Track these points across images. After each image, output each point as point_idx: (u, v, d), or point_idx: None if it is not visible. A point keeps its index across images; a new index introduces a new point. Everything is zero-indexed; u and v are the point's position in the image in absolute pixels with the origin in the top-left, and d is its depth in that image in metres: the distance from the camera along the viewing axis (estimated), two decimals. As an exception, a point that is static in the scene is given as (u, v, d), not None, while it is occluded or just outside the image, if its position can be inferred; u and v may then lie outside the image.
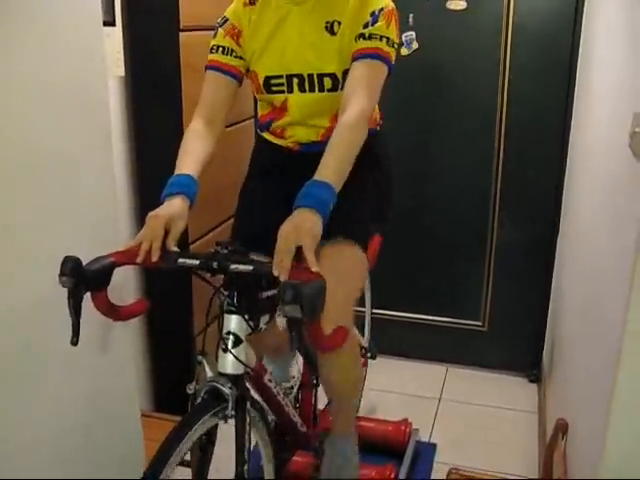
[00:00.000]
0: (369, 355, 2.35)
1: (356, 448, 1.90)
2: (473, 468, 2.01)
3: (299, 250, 1.26)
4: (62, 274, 1.25)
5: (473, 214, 2.93)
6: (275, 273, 1.23)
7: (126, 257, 1.35)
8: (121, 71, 2.18)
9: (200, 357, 1.38)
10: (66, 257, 1.26)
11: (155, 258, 1.33)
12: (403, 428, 2.45)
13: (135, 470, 1.95)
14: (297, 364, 2.03)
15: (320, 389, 1.97)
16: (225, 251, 1.33)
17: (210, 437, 1.43)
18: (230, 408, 1.34)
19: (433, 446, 2.54)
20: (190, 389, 1.37)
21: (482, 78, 2.74)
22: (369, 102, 1.51)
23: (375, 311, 3.00)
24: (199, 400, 1.34)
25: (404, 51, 2.73)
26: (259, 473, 1.69)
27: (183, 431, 1.27)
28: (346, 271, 1.63)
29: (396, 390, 2.92)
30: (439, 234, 3.01)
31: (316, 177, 1.37)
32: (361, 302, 2.30)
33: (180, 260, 1.34)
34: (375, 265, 1.94)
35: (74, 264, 1.25)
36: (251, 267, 1.29)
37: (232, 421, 1.37)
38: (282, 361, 1.94)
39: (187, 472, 1.78)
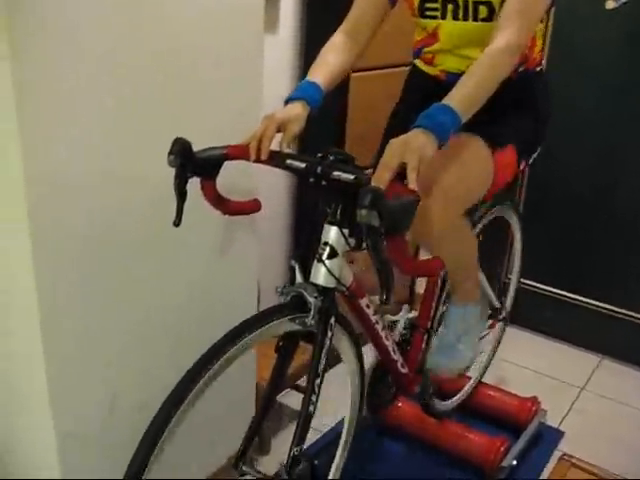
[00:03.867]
0: (501, 317, 2.20)
1: (481, 314, 1.80)
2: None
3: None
4: (170, 153, 1.29)
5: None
6: (372, 184, 1.17)
7: (238, 152, 1.37)
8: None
9: (293, 262, 1.37)
10: (176, 138, 1.29)
11: (264, 157, 1.34)
12: (529, 405, 2.28)
13: (247, 370, 2.04)
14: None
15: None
16: (332, 158, 1.29)
17: (289, 351, 1.43)
18: (310, 317, 1.31)
19: (560, 433, 2.34)
20: (278, 291, 1.36)
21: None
22: (520, 33, 1.37)
23: (534, 284, 2.86)
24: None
25: (610, 4, 2.45)
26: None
27: (254, 325, 1.27)
28: (465, 159, 1.51)
29: (537, 369, 2.73)
30: (624, 215, 2.70)
31: (443, 101, 1.28)
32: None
33: (288, 161, 1.33)
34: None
35: (182, 146, 1.29)
36: (352, 176, 1.24)
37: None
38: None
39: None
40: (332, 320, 1.36)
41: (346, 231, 1.34)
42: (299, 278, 1.36)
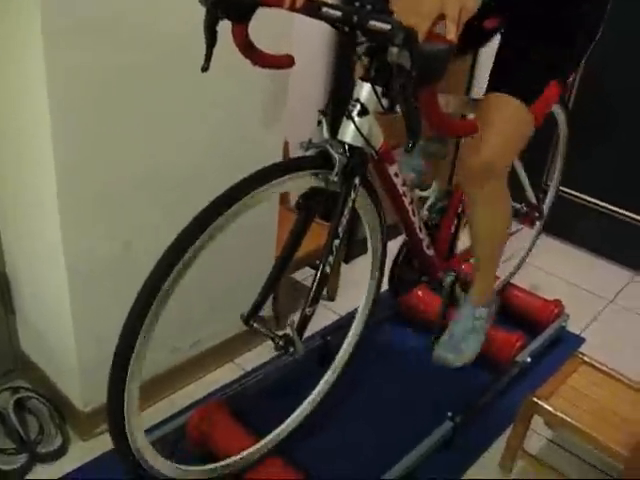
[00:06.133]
0: (537, 215, 2.14)
1: (490, 317, 1.86)
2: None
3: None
4: None
5: None
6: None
7: None
8: None
9: (320, 117, 1.31)
10: None
11: (299, 3, 1.25)
12: (551, 307, 2.26)
13: (266, 242, 2.03)
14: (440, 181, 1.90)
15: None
16: (369, 7, 1.21)
17: (310, 210, 1.39)
18: (334, 174, 1.27)
19: (580, 340, 2.32)
20: (303, 146, 1.31)
21: None
22: None
23: (574, 193, 2.80)
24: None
25: None
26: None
27: (275, 172, 1.24)
28: (503, 126, 1.51)
29: (569, 279, 2.70)
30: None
31: None
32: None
33: (323, 10, 1.24)
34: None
35: None
36: (389, 26, 1.16)
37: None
38: (417, 166, 1.83)
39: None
40: (357, 181, 1.32)
41: (380, 90, 1.27)
42: (326, 134, 1.31)
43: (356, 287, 2.18)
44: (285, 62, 1.41)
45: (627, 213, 2.75)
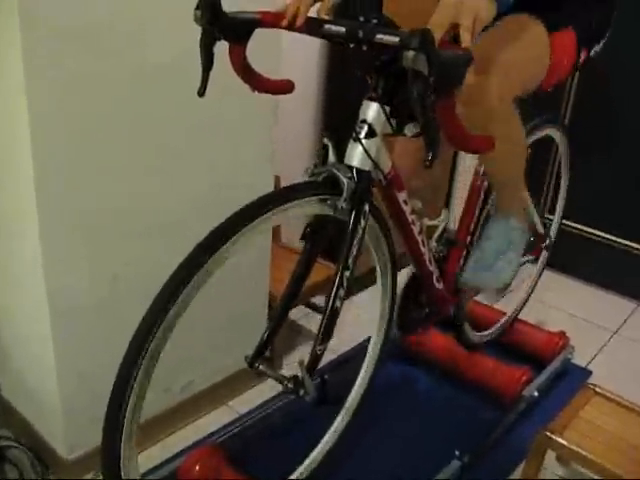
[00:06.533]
0: (544, 245, 2.07)
1: (525, 234, 1.68)
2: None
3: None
4: (197, 7, 1.14)
5: None
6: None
7: (272, 19, 1.23)
8: None
9: (326, 140, 1.24)
10: None
11: (300, 22, 1.20)
12: (556, 340, 2.19)
13: (260, 277, 1.95)
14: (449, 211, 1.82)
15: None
16: (375, 21, 1.15)
17: (317, 240, 1.31)
18: (342, 199, 1.19)
19: (587, 372, 2.24)
20: (307, 171, 1.24)
21: None
22: None
23: (574, 225, 2.73)
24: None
25: None
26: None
27: (281, 198, 1.16)
28: (521, 38, 1.39)
29: (570, 311, 2.62)
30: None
31: None
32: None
33: (326, 27, 1.17)
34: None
35: (211, 1, 1.14)
36: (398, 38, 1.09)
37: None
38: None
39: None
40: (366, 208, 1.24)
41: (388, 110, 1.20)
42: (332, 158, 1.23)
43: (354, 324, 2.11)
44: (284, 87, 1.34)
45: (628, 242, 2.68)
